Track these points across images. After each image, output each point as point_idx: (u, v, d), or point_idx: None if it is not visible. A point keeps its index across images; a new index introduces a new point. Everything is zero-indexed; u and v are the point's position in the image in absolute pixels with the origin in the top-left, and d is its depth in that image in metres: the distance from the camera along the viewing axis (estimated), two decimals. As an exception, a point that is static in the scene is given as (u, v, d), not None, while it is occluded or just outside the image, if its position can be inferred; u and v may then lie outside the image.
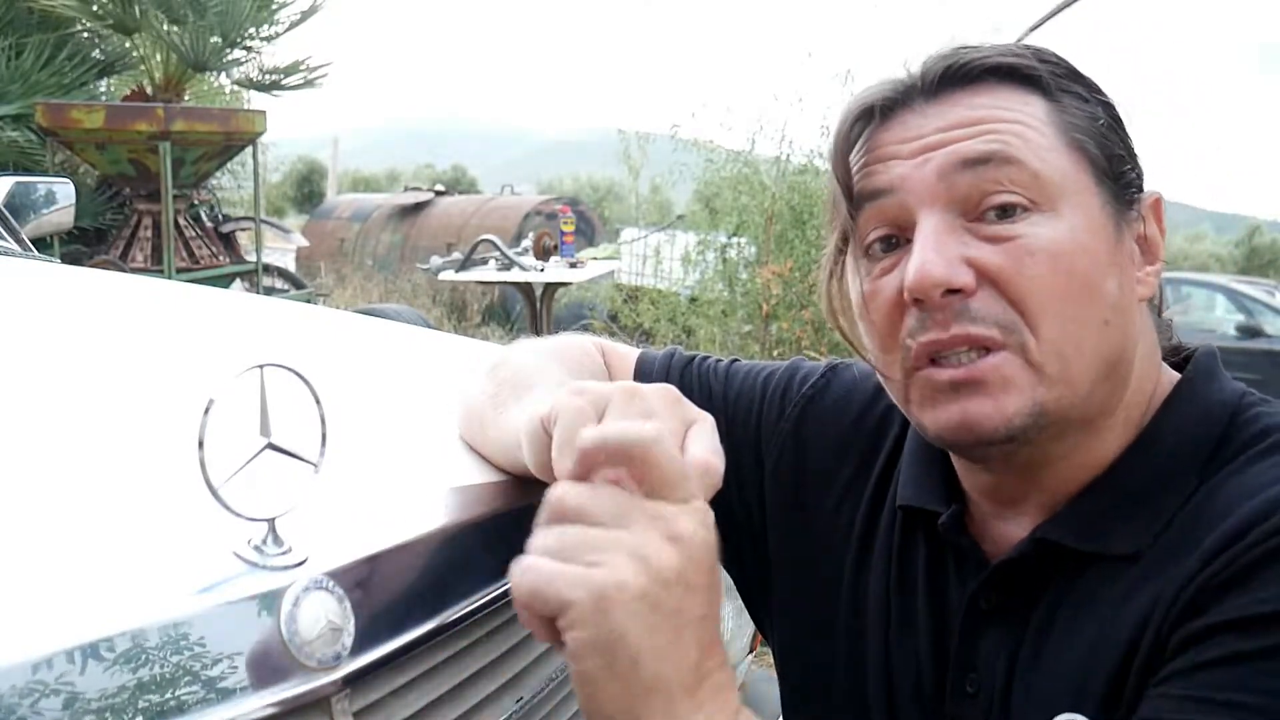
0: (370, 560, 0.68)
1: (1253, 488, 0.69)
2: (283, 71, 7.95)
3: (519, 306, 9.19)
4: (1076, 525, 0.76)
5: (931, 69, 0.78)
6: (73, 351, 1.10)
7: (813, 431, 0.94)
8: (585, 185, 25.65)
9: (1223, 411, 0.76)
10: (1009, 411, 0.72)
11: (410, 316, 6.72)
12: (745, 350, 6.33)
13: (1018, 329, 0.72)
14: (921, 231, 0.74)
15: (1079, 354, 0.73)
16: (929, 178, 0.74)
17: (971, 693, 0.79)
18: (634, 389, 0.70)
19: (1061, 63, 0.79)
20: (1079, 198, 0.75)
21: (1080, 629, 0.74)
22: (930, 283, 0.72)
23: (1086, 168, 0.76)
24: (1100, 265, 0.74)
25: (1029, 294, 0.72)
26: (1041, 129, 0.75)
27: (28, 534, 0.64)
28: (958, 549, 0.83)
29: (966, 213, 0.74)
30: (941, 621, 0.83)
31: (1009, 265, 0.73)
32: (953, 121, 0.76)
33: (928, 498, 0.84)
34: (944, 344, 0.73)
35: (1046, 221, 0.73)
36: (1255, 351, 8.20)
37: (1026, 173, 0.73)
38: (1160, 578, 0.70)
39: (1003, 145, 0.74)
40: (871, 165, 0.78)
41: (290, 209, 23.44)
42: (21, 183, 2.20)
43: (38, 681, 0.51)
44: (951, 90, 0.77)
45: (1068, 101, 0.77)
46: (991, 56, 0.77)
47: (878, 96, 0.79)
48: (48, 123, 6.28)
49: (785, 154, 6.71)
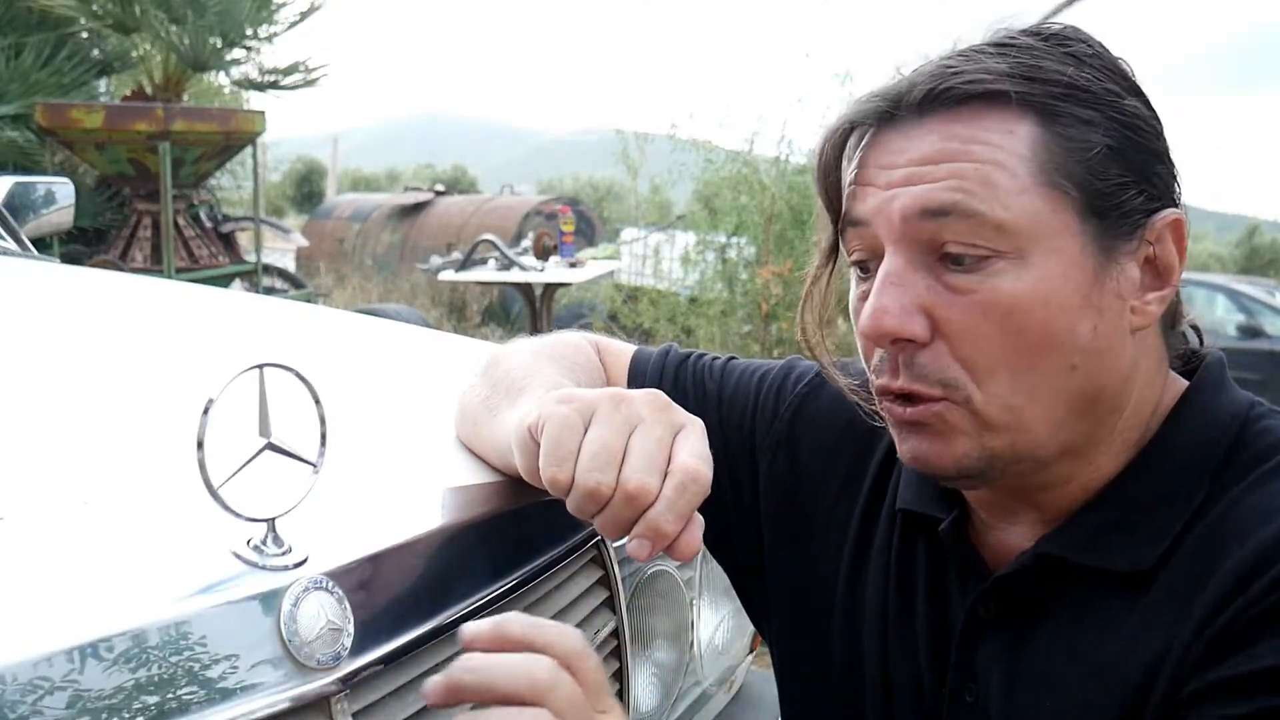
0: (370, 560, 0.68)
1: (1267, 510, 0.68)
2: (282, 71, 7.95)
3: (519, 306, 9.19)
4: (1078, 539, 0.74)
5: (918, 87, 0.73)
6: (72, 351, 1.10)
7: (807, 431, 0.94)
8: (585, 185, 25.64)
9: (1231, 423, 0.74)
10: (956, 454, 0.73)
11: (410, 316, 6.73)
12: (745, 350, 6.33)
13: (962, 385, 0.71)
14: (882, 271, 0.73)
15: (1032, 402, 0.71)
16: (893, 218, 0.73)
17: (970, 701, 0.78)
18: (620, 396, 0.70)
19: (1064, 82, 0.72)
20: (1053, 241, 0.71)
21: (1088, 649, 0.72)
22: (880, 332, 0.72)
23: (1067, 206, 0.71)
24: (1067, 313, 0.71)
25: (978, 354, 0.71)
26: (1015, 169, 0.70)
27: (28, 534, 0.64)
28: (958, 556, 0.82)
29: (931, 251, 0.72)
30: (941, 628, 0.82)
31: (960, 323, 0.71)
32: (925, 155, 0.72)
33: (928, 503, 0.84)
34: (893, 391, 0.74)
35: (1011, 270, 0.70)
36: (1255, 351, 8.20)
37: (988, 225, 0.70)
38: (1175, 608, 0.68)
39: (964, 196, 0.70)
40: (857, 186, 0.76)
41: (290, 209, 23.43)
42: (21, 183, 2.20)
43: (38, 681, 0.51)
44: (936, 111, 0.73)
45: (1063, 128, 0.72)
46: (975, 81, 0.72)
47: (866, 110, 0.76)
48: (47, 123, 6.28)
49: (784, 154, 6.72)
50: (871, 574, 0.88)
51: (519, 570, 0.82)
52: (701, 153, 7.13)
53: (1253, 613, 0.64)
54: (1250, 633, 0.64)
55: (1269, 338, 8.46)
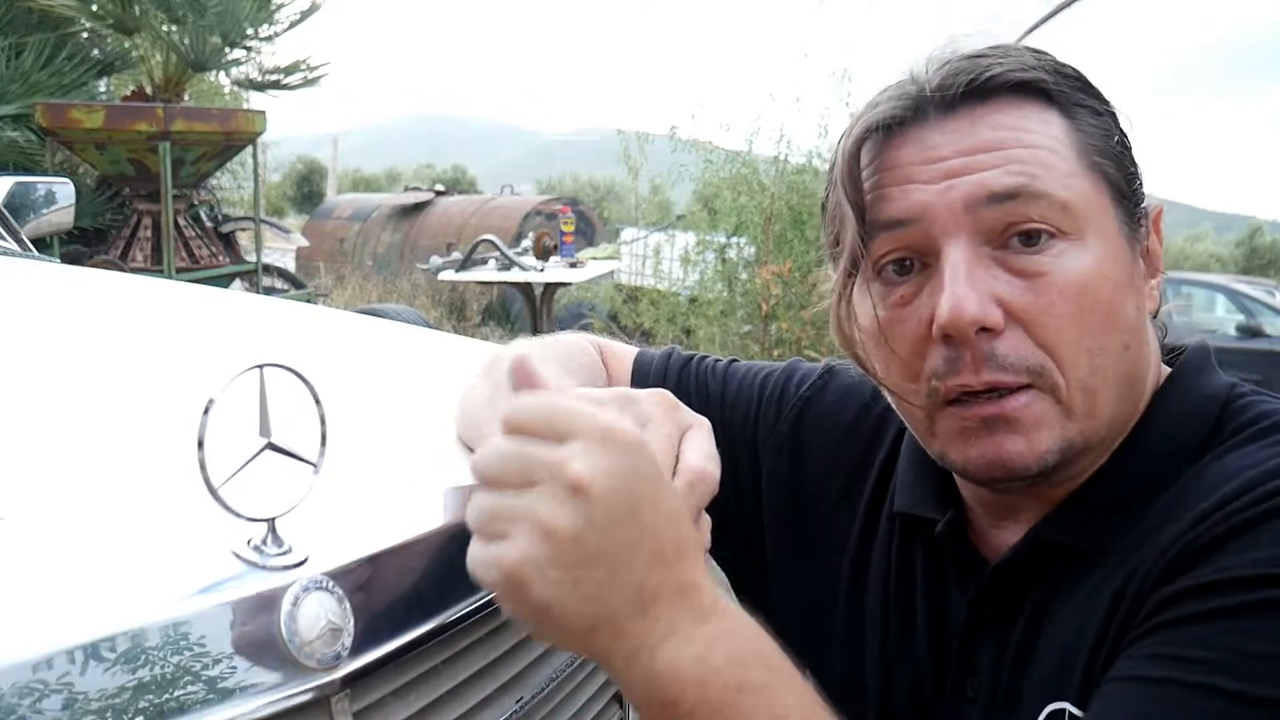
0: (370, 560, 0.68)
1: (1232, 471, 0.69)
2: (282, 71, 7.95)
3: (519, 306, 9.19)
4: (1072, 524, 0.75)
5: (951, 83, 0.74)
6: (73, 351, 1.10)
7: (810, 433, 0.94)
8: (585, 185, 25.65)
9: (1212, 404, 0.76)
10: (1041, 449, 0.72)
11: (410, 316, 6.72)
12: (745, 350, 6.34)
13: (1047, 371, 0.71)
14: (950, 264, 0.72)
15: (1104, 386, 0.72)
16: (955, 207, 0.72)
17: (972, 696, 0.79)
18: (628, 395, 0.69)
19: (1075, 74, 0.77)
20: (1100, 222, 0.73)
21: (1066, 622, 0.73)
22: (965, 321, 0.70)
23: (1105, 189, 0.74)
24: (1121, 291, 0.73)
25: (1058, 337, 0.71)
26: (1063, 152, 0.73)
27: (28, 533, 0.64)
28: (956, 555, 0.82)
29: (991, 239, 0.72)
30: (941, 627, 0.82)
31: (1038, 306, 0.71)
32: (974, 145, 0.72)
33: (924, 505, 0.84)
34: (975, 389, 0.72)
35: (1073, 250, 0.72)
36: (1255, 351, 8.20)
37: (1054, 204, 0.71)
38: (1136, 557, 0.70)
39: (1029, 179, 0.71)
40: (887, 188, 0.74)
41: (290, 209, 23.45)
42: (21, 183, 2.20)
43: (38, 681, 0.51)
44: (970, 106, 0.74)
45: (1083, 118, 0.75)
46: (1013, 71, 0.74)
47: (890, 111, 0.75)
48: (47, 123, 6.27)
49: (784, 154, 6.72)
50: (873, 575, 0.88)
51: (519, 570, 0.82)
52: (701, 153, 7.13)
53: (1217, 530, 0.65)
54: (1215, 546, 0.64)
55: (1269, 338, 8.47)
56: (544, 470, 0.57)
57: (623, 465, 0.57)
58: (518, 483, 0.58)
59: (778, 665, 0.60)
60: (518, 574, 0.56)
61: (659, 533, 0.58)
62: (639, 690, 0.59)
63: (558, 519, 0.56)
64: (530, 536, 0.56)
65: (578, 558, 0.56)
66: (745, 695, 0.58)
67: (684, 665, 0.57)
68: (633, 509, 0.57)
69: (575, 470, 0.56)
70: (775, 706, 0.58)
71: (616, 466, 0.57)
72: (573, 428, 0.58)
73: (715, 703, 0.57)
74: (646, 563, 0.57)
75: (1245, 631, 0.60)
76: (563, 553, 0.56)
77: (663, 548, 0.58)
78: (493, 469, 0.59)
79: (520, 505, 0.57)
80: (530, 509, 0.57)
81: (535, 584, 0.56)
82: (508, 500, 0.58)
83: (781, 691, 0.59)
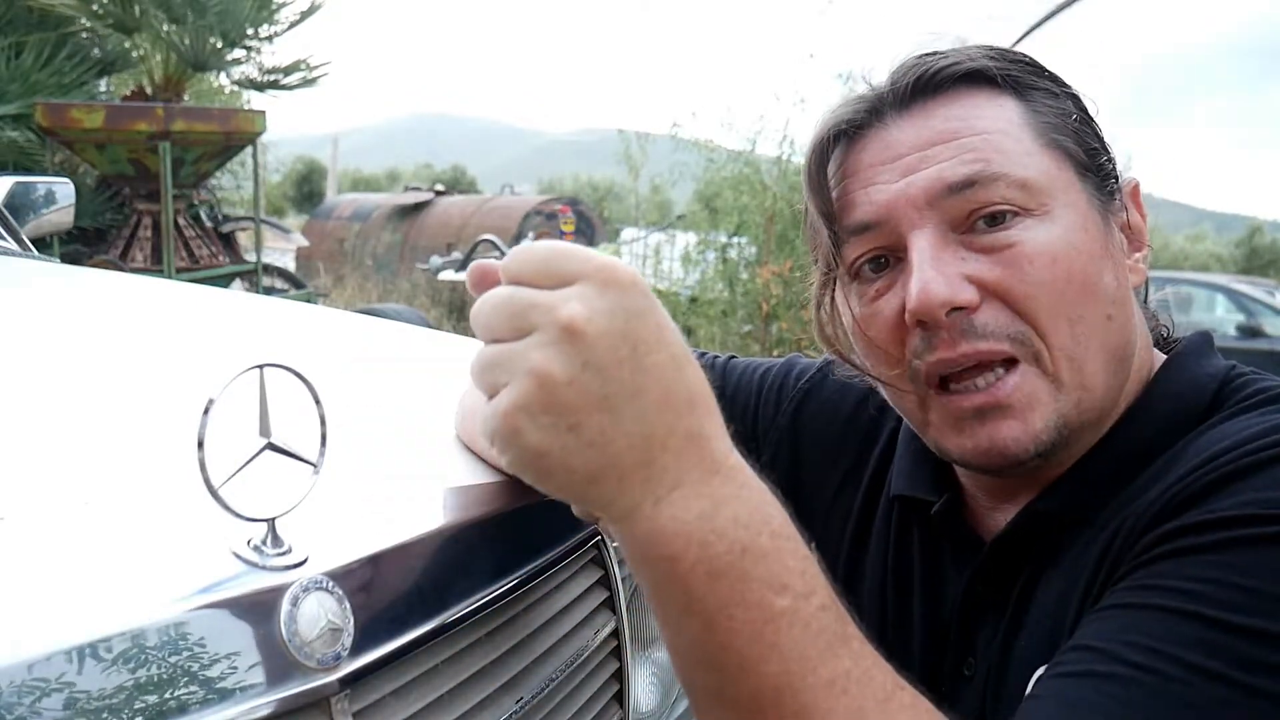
0: (370, 560, 0.68)
1: (1222, 436, 0.69)
2: (282, 71, 7.96)
3: (519, 306, 9.17)
4: (1066, 497, 0.76)
5: (900, 81, 0.76)
6: (73, 351, 1.10)
7: (809, 426, 0.95)
8: (585, 185, 25.67)
9: (1211, 383, 0.76)
10: (1037, 429, 0.72)
11: (410, 316, 6.72)
12: (746, 350, 6.34)
13: (1028, 339, 0.72)
14: (916, 251, 0.73)
15: (1089, 355, 0.73)
16: (916, 202, 0.73)
17: (969, 675, 0.80)
18: None
19: (1027, 60, 0.78)
20: (1066, 195, 0.74)
21: (1053, 588, 0.74)
22: (934, 303, 0.71)
23: (1067, 164, 0.75)
24: (1096, 261, 0.74)
25: (1035, 301, 0.72)
26: (1018, 133, 0.74)
27: (28, 533, 0.64)
28: (953, 536, 0.83)
29: (956, 225, 0.73)
30: (938, 608, 0.83)
31: (1010, 275, 0.72)
32: (929, 137, 0.74)
33: (921, 487, 0.85)
34: (953, 361, 0.73)
35: (1039, 225, 0.73)
36: (1255, 351, 8.20)
37: (1013, 184, 0.72)
38: (1122, 515, 0.70)
39: (984, 165, 0.72)
40: (853, 192, 0.76)
41: (290, 209, 23.46)
42: (21, 183, 2.20)
43: (37, 681, 0.51)
44: (923, 101, 0.76)
45: (1038, 99, 0.76)
46: (961, 63, 0.76)
47: (847, 116, 0.77)
48: (47, 122, 6.28)
49: (786, 154, 6.72)
50: (870, 561, 0.89)
51: (519, 570, 0.82)
52: (703, 153, 7.13)
53: (1207, 479, 0.64)
54: (1205, 493, 0.64)
55: (1269, 338, 8.47)
56: (538, 314, 0.55)
57: (622, 306, 0.55)
58: (514, 331, 0.55)
59: (783, 531, 0.58)
60: (510, 421, 0.54)
61: (665, 377, 0.55)
62: (640, 545, 0.57)
63: (551, 363, 0.54)
64: (524, 382, 0.54)
65: (575, 402, 0.54)
66: (748, 559, 0.56)
67: (688, 522, 0.55)
68: (634, 351, 0.55)
69: (569, 311, 0.54)
70: (778, 573, 0.56)
71: (615, 307, 0.55)
72: (571, 270, 0.55)
73: (716, 564, 0.55)
74: (653, 408, 0.55)
75: (1228, 565, 0.60)
76: (557, 398, 0.54)
77: (670, 392, 0.55)
78: (487, 319, 0.57)
79: (515, 352, 0.55)
80: (524, 354, 0.54)
81: (528, 431, 0.54)
82: (504, 349, 0.56)
83: (786, 558, 0.57)
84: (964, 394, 0.73)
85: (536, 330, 0.55)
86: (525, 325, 0.55)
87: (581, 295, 0.54)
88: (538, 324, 0.55)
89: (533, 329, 0.55)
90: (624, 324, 0.54)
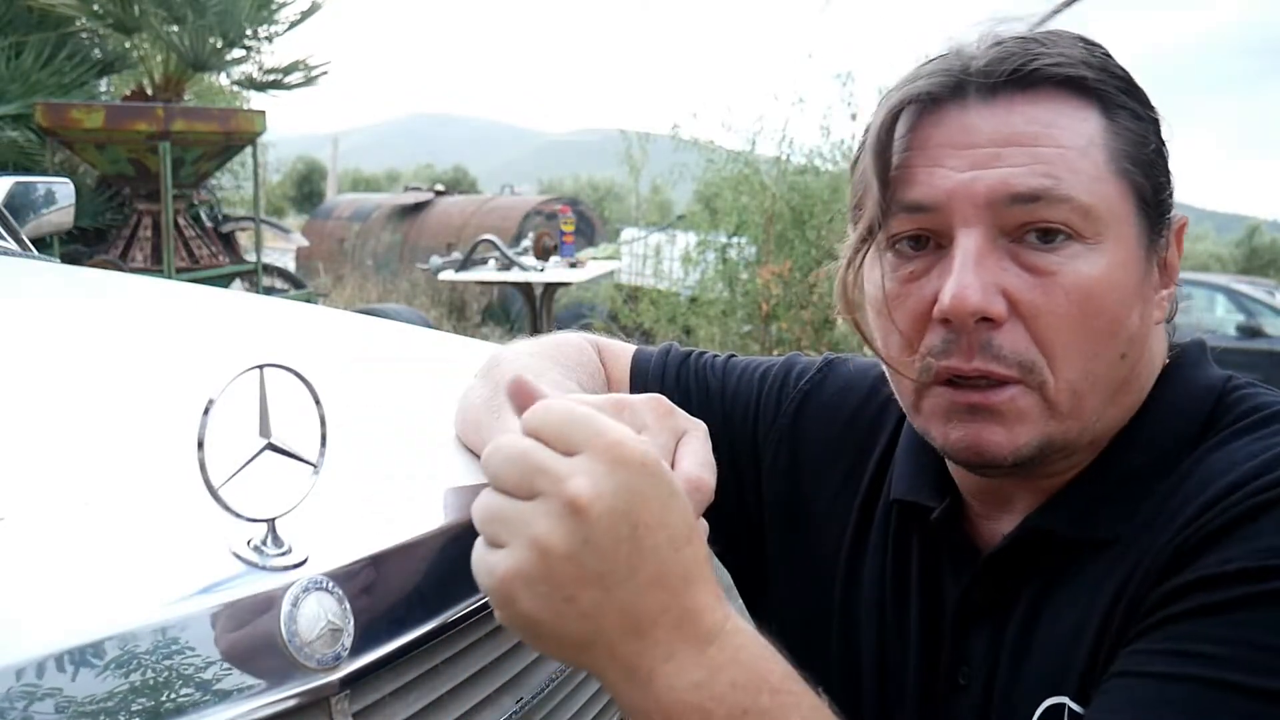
0: (370, 560, 0.68)
1: (1228, 464, 0.69)
2: (282, 71, 7.95)
3: (519, 306, 9.19)
4: (1065, 513, 0.76)
5: (996, 68, 0.73)
6: (73, 351, 1.10)
7: (809, 426, 0.95)
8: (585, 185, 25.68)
9: (1208, 395, 0.76)
10: (1019, 442, 0.72)
11: (410, 316, 6.73)
12: (745, 350, 6.34)
13: (1039, 369, 0.71)
14: (961, 250, 0.72)
15: (1093, 390, 0.73)
16: (976, 200, 0.72)
17: (964, 684, 0.80)
18: (622, 402, 0.69)
19: (1121, 73, 0.75)
20: (1119, 229, 0.73)
21: (1064, 615, 0.74)
22: (966, 310, 0.71)
23: (1130, 197, 0.74)
24: (1127, 301, 0.73)
25: (1056, 336, 0.71)
26: (1094, 155, 0.72)
27: (28, 534, 0.64)
28: (951, 543, 0.83)
29: (1007, 231, 0.72)
30: (935, 615, 0.83)
31: (1042, 301, 0.71)
32: (1008, 135, 0.72)
33: (921, 492, 0.85)
34: (964, 373, 0.73)
35: (1087, 254, 0.71)
36: (1255, 351, 8.20)
37: (1076, 209, 0.71)
38: (1137, 551, 0.70)
39: (1054, 183, 0.71)
40: (915, 167, 0.74)
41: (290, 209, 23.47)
42: (21, 183, 2.20)
43: (37, 680, 0.51)
44: (1009, 94, 0.73)
45: (1122, 120, 0.74)
46: (1061, 65, 0.73)
47: (930, 87, 0.74)
48: (47, 122, 6.27)
49: (785, 154, 6.73)
50: (868, 565, 0.89)
51: (519, 570, 0.82)
52: (703, 153, 7.14)
53: (1216, 524, 0.65)
54: (1216, 539, 0.64)
55: (1269, 338, 8.47)
56: (547, 482, 0.56)
57: (628, 487, 0.56)
58: (521, 490, 0.57)
59: (783, 687, 0.59)
60: (507, 586, 0.56)
61: (662, 558, 0.57)
62: (637, 713, 0.58)
63: (553, 537, 0.55)
64: (524, 550, 0.55)
65: (572, 575, 0.55)
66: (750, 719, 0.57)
67: (685, 690, 0.57)
68: (634, 532, 0.56)
69: (575, 488, 0.55)
70: None
71: (620, 488, 0.56)
72: (583, 441, 0.57)
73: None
74: (645, 586, 0.56)
75: (1253, 624, 0.60)
76: (554, 570, 0.55)
77: (666, 572, 0.57)
78: (498, 469, 0.58)
79: (519, 515, 0.56)
80: (528, 522, 0.56)
81: (523, 598, 0.56)
82: (509, 507, 0.57)
83: (790, 713, 0.58)
84: (963, 390, 0.73)
85: (542, 497, 0.56)
86: (533, 489, 0.56)
87: (590, 471, 0.56)
88: (545, 491, 0.56)
89: (540, 494, 0.56)
90: (627, 505, 0.56)
